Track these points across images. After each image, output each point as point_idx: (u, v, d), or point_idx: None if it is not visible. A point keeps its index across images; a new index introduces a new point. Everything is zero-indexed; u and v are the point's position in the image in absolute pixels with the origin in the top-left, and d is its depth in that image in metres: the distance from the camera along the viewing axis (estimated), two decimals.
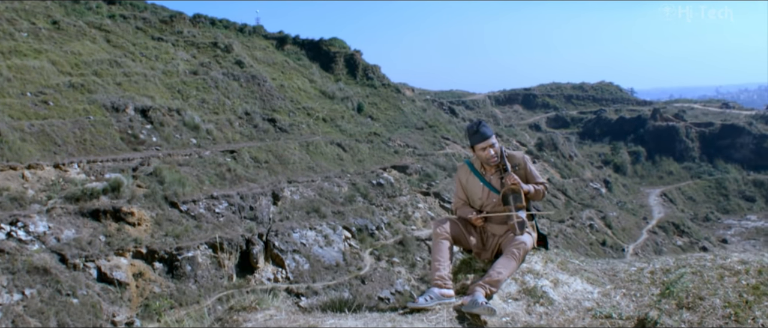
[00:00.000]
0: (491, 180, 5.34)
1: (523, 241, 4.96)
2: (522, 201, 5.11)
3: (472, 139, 5.27)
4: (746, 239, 57.58)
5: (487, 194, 5.33)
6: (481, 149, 5.23)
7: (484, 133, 5.17)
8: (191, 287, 21.41)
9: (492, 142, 5.19)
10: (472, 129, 5.25)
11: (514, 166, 5.32)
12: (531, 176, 5.40)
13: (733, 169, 73.82)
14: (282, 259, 25.95)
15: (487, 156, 5.22)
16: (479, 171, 5.40)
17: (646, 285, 4.85)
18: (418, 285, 30.89)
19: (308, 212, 30.01)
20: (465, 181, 5.50)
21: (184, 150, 28.39)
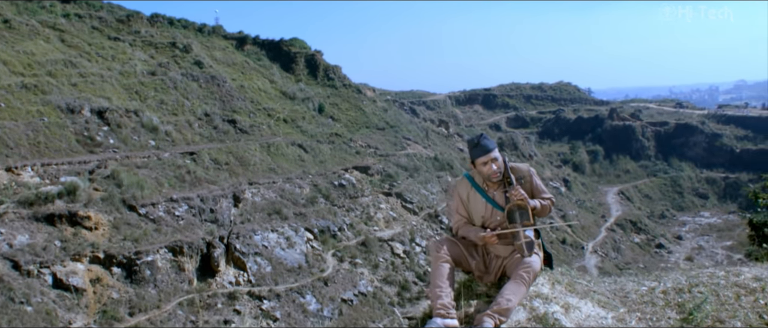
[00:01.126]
0: (494, 196, 4.87)
1: (531, 263, 4.54)
2: (529, 218, 4.71)
3: (472, 153, 4.81)
4: (700, 234, 59.06)
5: (491, 212, 4.86)
6: (483, 164, 4.76)
7: (485, 147, 4.72)
8: (151, 292, 21.03)
9: (495, 156, 4.73)
10: (473, 142, 4.81)
11: (518, 179, 4.89)
12: (537, 190, 5.00)
13: (687, 167, 75.72)
14: (243, 262, 25.68)
15: (489, 172, 4.75)
16: (481, 186, 4.92)
17: (661, 307, 4.56)
18: (381, 286, 30.92)
19: (270, 213, 29.77)
20: (465, 197, 5.00)
21: (142, 152, 27.88)
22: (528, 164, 5.06)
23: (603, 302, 4.72)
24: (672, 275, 5.23)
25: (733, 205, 68.04)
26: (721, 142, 77.13)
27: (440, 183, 45.70)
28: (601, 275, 45.14)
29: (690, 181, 73.58)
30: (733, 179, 71.88)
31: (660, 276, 5.29)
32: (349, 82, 57.83)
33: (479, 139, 4.77)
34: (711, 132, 78.76)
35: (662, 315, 4.42)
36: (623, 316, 4.49)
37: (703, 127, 79.64)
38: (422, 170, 45.35)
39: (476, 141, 4.78)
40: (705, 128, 79.54)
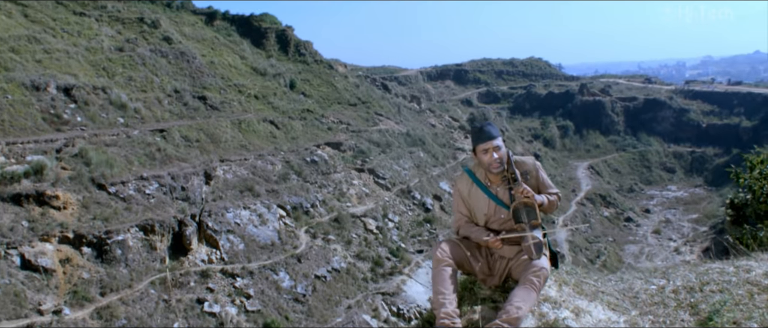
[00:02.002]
0: (498, 192, 4.53)
1: (542, 267, 4.17)
2: (537, 217, 4.35)
3: (474, 139, 4.47)
4: (667, 208, 60.22)
5: (494, 209, 4.51)
6: (483, 151, 4.40)
7: (488, 133, 4.37)
8: (122, 272, 20.84)
9: (497, 144, 4.37)
10: (476, 128, 4.48)
11: (523, 173, 4.53)
12: (543, 185, 4.63)
13: (656, 141, 76.99)
14: (216, 240, 25.56)
15: (489, 160, 4.39)
16: (483, 182, 4.57)
17: (674, 309, 4.36)
18: (354, 262, 31.04)
19: (242, 191, 29.61)
20: (467, 193, 4.65)
21: (110, 130, 27.44)
22: (533, 157, 4.75)
23: (613, 304, 4.53)
24: (680, 272, 5.04)
25: (699, 179, 69.46)
26: (688, 118, 78.48)
27: (412, 159, 45.81)
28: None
29: (658, 155, 74.87)
30: (700, 153, 73.29)
31: (668, 273, 5.10)
32: (321, 57, 57.42)
33: (482, 125, 4.45)
34: (678, 107, 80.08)
35: (676, 318, 4.24)
36: (636, 320, 4.29)
37: (671, 103, 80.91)
38: (394, 146, 45.40)
39: (479, 126, 4.46)
40: (673, 103, 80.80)
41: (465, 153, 54.18)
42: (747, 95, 79.15)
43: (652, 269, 5.34)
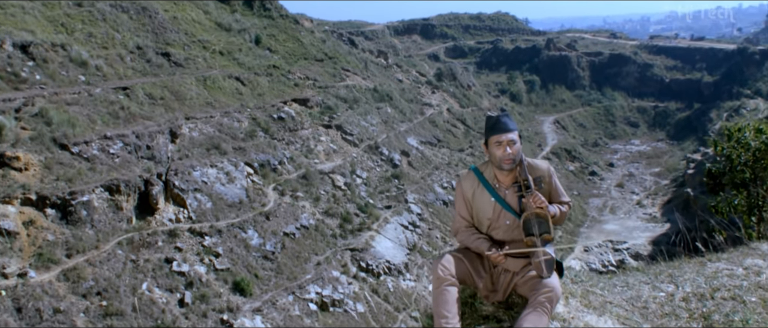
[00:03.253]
0: (506, 196, 4.12)
1: (553, 287, 3.78)
2: (549, 230, 3.93)
3: (488, 130, 4.05)
4: (630, 162, 61.36)
5: (499, 213, 4.11)
6: (496, 144, 3.99)
7: (504, 125, 3.97)
8: (88, 233, 20.62)
9: (512, 138, 3.96)
10: (491, 119, 4.06)
11: (536, 179, 4.10)
12: (555, 193, 4.23)
13: (620, 96, 78.00)
14: (183, 199, 25.38)
15: (502, 155, 3.97)
16: (490, 182, 4.15)
17: (686, 320, 4.13)
18: (322, 219, 31.15)
19: (208, 149, 29.32)
20: (471, 194, 4.22)
21: (71, 88, 26.77)
22: (547, 162, 4.34)
23: (623, 316, 4.27)
24: (688, 276, 4.80)
25: (661, 133, 70.74)
26: (652, 72, 79.50)
27: (380, 114, 45.73)
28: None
29: (622, 110, 75.95)
30: (663, 107, 74.52)
31: (675, 277, 4.84)
32: (286, 12, 56.46)
33: (498, 116, 4.04)
34: (643, 62, 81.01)
35: None
36: None
37: (636, 58, 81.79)
38: (362, 102, 45.23)
39: (494, 117, 4.04)
40: (637, 59, 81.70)
41: (432, 108, 54.24)
42: (709, 51, 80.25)
43: (657, 272, 5.09)
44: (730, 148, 8.12)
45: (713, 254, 5.95)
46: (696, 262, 5.27)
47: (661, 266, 5.39)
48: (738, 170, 7.95)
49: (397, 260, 31.55)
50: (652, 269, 5.28)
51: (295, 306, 24.96)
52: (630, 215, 46.49)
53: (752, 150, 7.74)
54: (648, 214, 45.83)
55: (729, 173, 8.16)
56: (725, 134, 8.38)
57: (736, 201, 7.93)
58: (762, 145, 7.62)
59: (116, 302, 19.44)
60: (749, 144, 7.76)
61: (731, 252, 5.57)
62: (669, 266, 5.36)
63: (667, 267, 5.28)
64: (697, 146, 57.31)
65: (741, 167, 7.91)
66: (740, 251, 5.51)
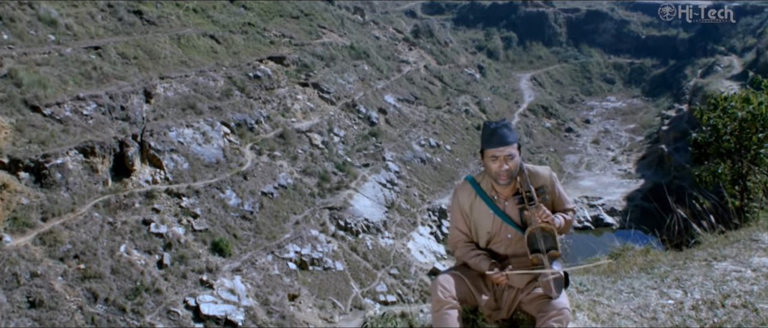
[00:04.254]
0: (505, 208, 3.83)
1: (563, 308, 3.52)
2: (556, 246, 3.65)
3: (484, 141, 3.72)
4: (606, 118, 61.87)
5: (500, 226, 3.83)
6: (492, 158, 3.66)
7: (502, 137, 3.62)
8: (64, 196, 20.42)
9: (510, 152, 3.62)
10: (489, 128, 3.70)
11: (538, 188, 3.79)
12: (559, 201, 3.92)
13: (596, 53, 78.22)
14: (159, 160, 25.18)
15: (497, 170, 3.66)
16: (488, 194, 3.85)
17: None
18: (300, 177, 31.13)
19: (184, 109, 28.99)
20: (468, 207, 3.91)
21: (41, 48, 26.15)
22: (548, 168, 3.99)
23: None
24: (696, 279, 4.59)
25: (637, 89, 71.23)
26: (628, 29, 79.68)
27: (357, 72, 45.42)
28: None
29: (598, 66, 76.23)
30: (638, 64, 74.92)
31: (682, 280, 4.62)
32: None
33: (496, 126, 3.67)
34: (619, 19, 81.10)
35: None
36: None
37: (612, 14, 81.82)
38: (338, 59, 44.84)
39: (491, 127, 3.67)
40: (614, 15, 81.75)
41: (409, 65, 53.97)
42: (685, 7, 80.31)
43: (663, 274, 4.82)
44: (716, 117, 8.10)
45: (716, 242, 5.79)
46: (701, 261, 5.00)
47: (666, 266, 5.06)
48: (724, 139, 7.93)
49: (375, 218, 31.75)
50: (658, 271, 4.97)
51: (274, 265, 25.09)
52: (605, 171, 47.05)
53: (739, 120, 7.72)
54: (623, 170, 46.41)
55: (715, 142, 8.13)
56: (711, 103, 8.36)
57: (719, 169, 7.96)
58: (749, 115, 7.61)
59: (94, 265, 19.39)
60: (736, 114, 7.74)
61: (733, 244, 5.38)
62: (674, 264, 5.10)
63: (672, 267, 5.00)
64: (671, 103, 57.88)
65: (727, 136, 7.90)
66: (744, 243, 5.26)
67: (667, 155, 42.80)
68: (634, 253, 6.69)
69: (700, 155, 8.58)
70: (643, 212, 39.07)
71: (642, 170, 45.11)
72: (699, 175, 8.30)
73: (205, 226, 24.35)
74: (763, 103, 7.51)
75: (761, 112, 7.49)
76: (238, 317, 21.52)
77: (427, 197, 36.16)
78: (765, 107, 7.48)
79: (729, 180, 7.93)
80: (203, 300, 21.27)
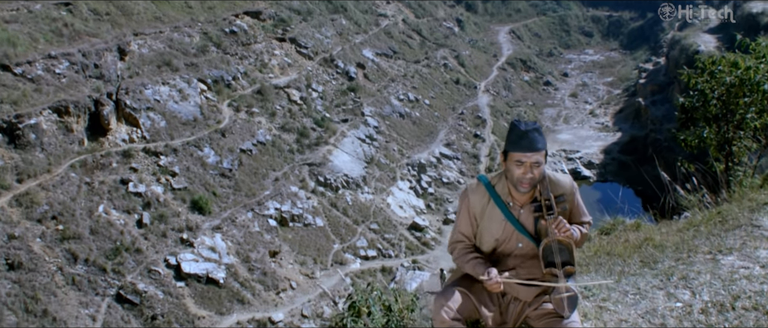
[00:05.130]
0: (520, 215, 3.49)
1: None
2: (573, 261, 3.37)
3: (510, 143, 3.36)
4: (584, 72, 61.99)
5: (510, 234, 3.51)
6: (517, 163, 3.32)
7: (532, 142, 3.28)
8: (39, 157, 20.16)
9: (537, 159, 3.30)
10: (518, 130, 3.33)
11: (558, 197, 3.47)
12: (576, 212, 3.60)
13: (575, 5, 77.89)
14: (136, 118, 24.88)
15: (520, 176, 3.33)
16: (504, 199, 3.51)
17: None
18: (279, 134, 30.99)
19: (159, 66, 28.54)
20: (479, 210, 3.55)
21: (8, 4, 25.44)
22: (570, 177, 3.66)
23: None
24: (703, 278, 4.36)
25: (615, 42, 71.29)
26: None
27: (334, 26, 44.89)
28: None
29: (577, 19, 76.01)
30: (617, 17, 74.80)
31: (689, 279, 4.39)
32: None
33: (527, 129, 3.31)
34: None
35: None
36: None
37: None
38: (316, 14, 44.22)
39: (521, 130, 3.32)
40: None
41: (387, 19, 53.40)
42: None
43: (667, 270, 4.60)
44: (703, 82, 8.06)
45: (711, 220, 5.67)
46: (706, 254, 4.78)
47: (669, 260, 4.82)
48: (711, 104, 7.89)
49: (355, 174, 31.83)
50: (661, 266, 4.75)
51: (254, 223, 25.16)
52: (583, 124, 47.41)
53: (726, 85, 7.68)
54: (600, 123, 46.80)
55: (702, 107, 8.07)
56: (698, 67, 8.30)
57: (704, 133, 7.92)
58: (736, 79, 7.59)
59: (73, 226, 19.29)
60: (724, 79, 7.69)
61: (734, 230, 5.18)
62: (678, 259, 4.86)
63: (677, 262, 4.77)
64: (649, 56, 58.02)
65: (715, 101, 7.86)
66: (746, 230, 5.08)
67: (644, 108, 43.16)
68: (625, 227, 6.49)
69: (686, 120, 8.50)
70: (620, 164, 39.62)
71: (619, 123, 45.52)
72: (684, 139, 8.27)
73: (183, 184, 24.25)
74: (751, 68, 7.48)
75: (749, 77, 7.46)
76: (220, 275, 21.65)
77: (407, 151, 36.25)
78: (753, 72, 7.45)
79: (715, 145, 7.94)
80: (184, 259, 21.34)
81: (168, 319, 19.31)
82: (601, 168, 39.38)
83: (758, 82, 7.45)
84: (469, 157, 38.40)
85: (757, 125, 7.66)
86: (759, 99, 7.56)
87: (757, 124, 7.66)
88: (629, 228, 6.40)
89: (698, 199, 6.75)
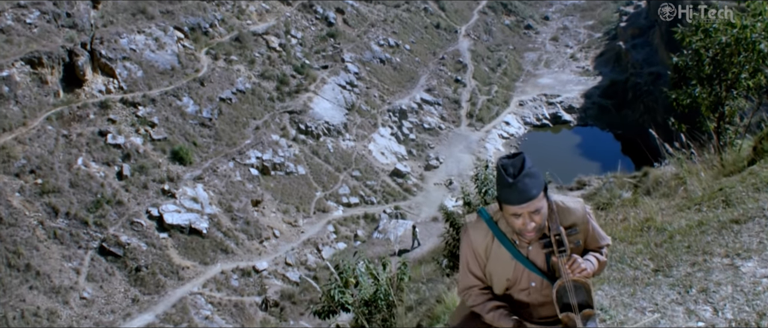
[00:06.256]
0: (529, 253, 3.04)
1: None
2: (591, 301, 2.97)
3: (501, 195, 2.88)
4: (565, 15, 61.50)
5: (521, 274, 3.08)
6: (514, 215, 2.85)
7: (523, 192, 2.77)
8: (13, 110, 19.83)
9: (536, 207, 2.81)
10: (504, 177, 2.79)
11: (569, 227, 3.04)
12: (592, 239, 3.13)
13: None
14: (112, 68, 24.45)
15: (520, 228, 2.86)
16: (509, 236, 3.06)
17: None
18: (259, 82, 30.64)
19: (134, 14, 27.91)
20: (483, 250, 3.11)
21: None
22: (581, 201, 3.19)
23: None
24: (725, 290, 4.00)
25: None
26: None
27: None
28: (498, 77, 46.64)
29: None
30: None
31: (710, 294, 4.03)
32: None
33: (516, 181, 2.77)
34: None
35: None
36: None
37: None
38: None
39: (510, 182, 2.78)
40: None
41: None
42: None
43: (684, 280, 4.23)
44: (697, 41, 7.96)
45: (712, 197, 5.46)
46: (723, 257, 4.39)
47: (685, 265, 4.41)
48: (705, 63, 7.81)
49: (336, 121, 31.72)
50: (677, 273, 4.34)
51: (236, 172, 25.11)
52: (564, 68, 47.30)
53: (722, 45, 7.58)
54: (581, 67, 46.73)
55: (695, 66, 7.99)
56: (693, 25, 8.18)
57: (696, 92, 7.87)
58: (732, 38, 7.49)
59: (52, 179, 19.14)
60: (720, 38, 7.59)
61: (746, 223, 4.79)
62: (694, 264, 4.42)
63: (694, 268, 4.37)
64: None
65: (709, 60, 7.77)
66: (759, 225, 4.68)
67: (625, 52, 43.12)
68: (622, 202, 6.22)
69: (679, 80, 8.40)
70: (600, 108, 39.76)
71: (600, 68, 45.47)
72: (676, 98, 8.20)
73: (163, 135, 24.05)
74: (747, 27, 7.39)
75: (746, 36, 7.37)
76: (203, 225, 21.71)
77: (388, 97, 36.09)
78: (749, 31, 7.36)
79: (706, 105, 7.89)
80: (166, 210, 21.33)
81: (152, 270, 19.42)
82: (581, 112, 39.49)
83: (754, 41, 7.37)
84: (450, 103, 38.32)
85: (750, 84, 7.62)
86: (754, 58, 7.48)
87: (751, 84, 7.61)
88: (626, 203, 6.03)
89: (686, 156, 6.74)
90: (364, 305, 5.57)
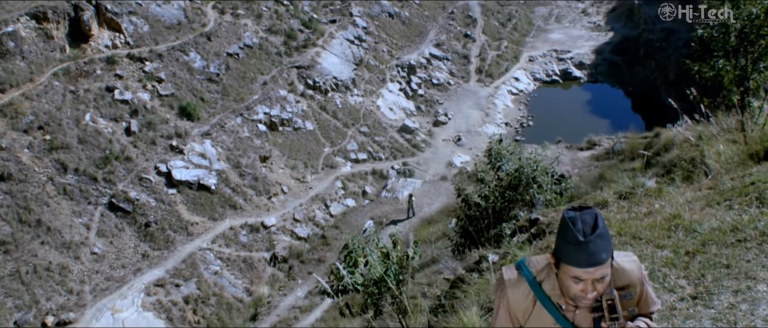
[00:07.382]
0: (575, 317, 2.62)
1: None
2: None
3: (564, 254, 2.42)
4: None
5: None
6: (575, 279, 2.43)
7: (595, 253, 2.34)
8: (20, 65, 19.74)
9: (604, 273, 2.40)
10: (575, 237, 2.35)
11: (623, 289, 2.64)
12: (645, 303, 2.73)
13: None
14: (118, 23, 24.23)
15: (578, 293, 2.44)
16: (554, 300, 2.63)
17: None
18: (266, 37, 30.35)
19: None
20: (521, 311, 2.69)
21: None
22: (636, 260, 2.73)
23: None
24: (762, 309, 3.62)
25: None
26: None
27: None
28: (508, 33, 45.82)
29: None
30: None
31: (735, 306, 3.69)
32: None
33: (587, 240, 2.34)
34: None
35: None
36: None
37: None
38: None
39: (581, 241, 2.35)
40: None
41: None
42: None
43: (728, 313, 3.78)
44: (725, 13, 7.70)
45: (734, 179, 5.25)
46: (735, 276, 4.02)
47: (727, 294, 3.95)
48: (732, 35, 7.56)
49: (344, 76, 31.48)
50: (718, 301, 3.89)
51: (244, 128, 25.08)
52: (575, 23, 46.54)
53: (752, 17, 7.31)
54: (592, 22, 45.95)
55: (721, 38, 7.71)
56: None
57: (719, 63, 7.63)
58: (762, 10, 7.21)
59: (60, 136, 19.17)
60: (750, 10, 7.32)
61: None
62: (737, 292, 3.96)
63: (736, 297, 3.93)
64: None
65: (736, 33, 7.52)
66: None
67: (637, 8, 42.28)
68: (645, 192, 5.79)
69: (703, 52, 8.12)
70: (611, 65, 39.27)
71: (611, 23, 44.73)
72: (699, 71, 7.96)
73: (170, 90, 23.97)
74: None
75: None
76: (211, 181, 21.78)
77: (396, 52, 35.72)
78: None
79: (731, 78, 7.66)
80: (175, 166, 21.38)
81: (161, 226, 19.57)
82: (592, 69, 39.01)
83: None
84: (459, 58, 37.91)
85: None
86: None
87: None
88: (650, 193, 5.61)
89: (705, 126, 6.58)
90: (374, 285, 5.44)
